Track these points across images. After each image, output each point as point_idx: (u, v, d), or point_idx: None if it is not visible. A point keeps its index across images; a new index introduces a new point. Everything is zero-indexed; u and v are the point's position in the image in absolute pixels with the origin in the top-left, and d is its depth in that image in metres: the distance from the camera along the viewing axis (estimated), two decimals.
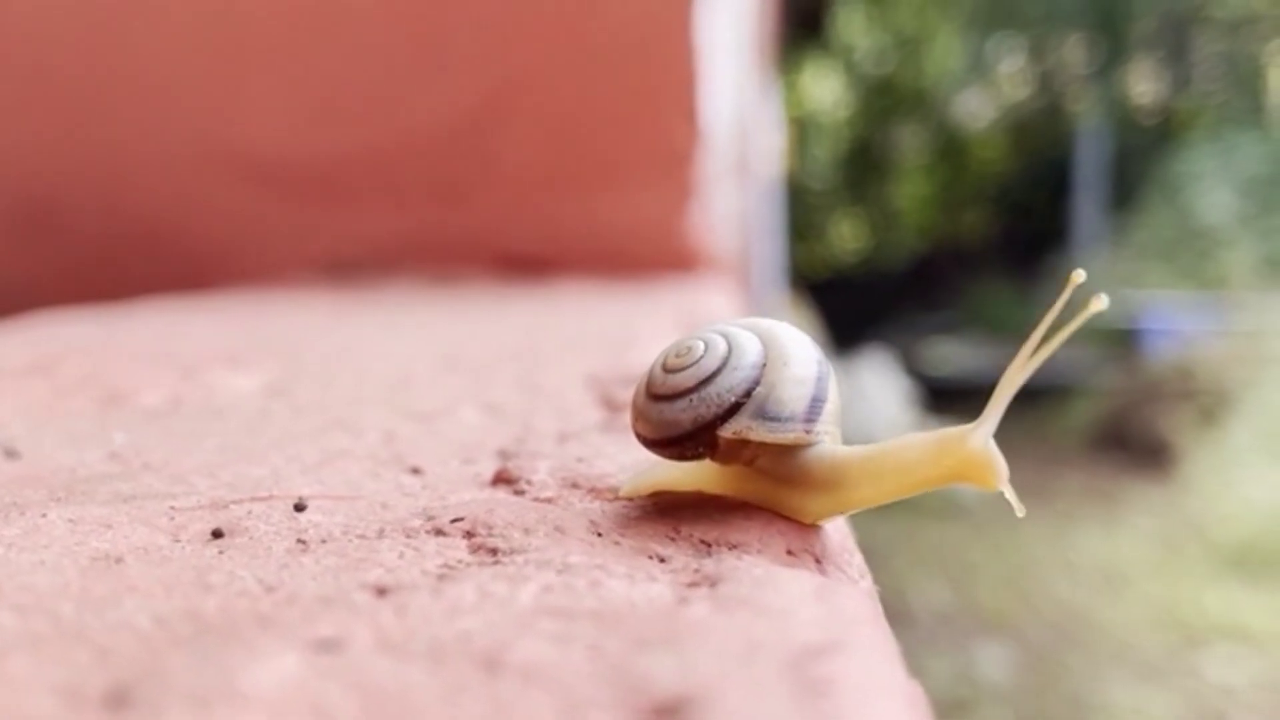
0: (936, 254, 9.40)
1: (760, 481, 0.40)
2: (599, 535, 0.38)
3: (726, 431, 0.38)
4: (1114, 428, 5.28)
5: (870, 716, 0.24)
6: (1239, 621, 3.14)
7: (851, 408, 4.68)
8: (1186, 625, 3.15)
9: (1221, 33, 8.53)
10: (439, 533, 0.38)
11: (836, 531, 0.41)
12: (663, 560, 0.35)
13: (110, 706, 0.24)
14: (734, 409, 0.38)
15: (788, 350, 0.40)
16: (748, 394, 0.39)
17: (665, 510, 0.41)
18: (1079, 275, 0.38)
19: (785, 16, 5.46)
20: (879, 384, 5.14)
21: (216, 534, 0.39)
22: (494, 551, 0.36)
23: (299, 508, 0.42)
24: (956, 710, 2.71)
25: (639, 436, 0.41)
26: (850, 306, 7.64)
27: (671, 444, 0.39)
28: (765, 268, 4.26)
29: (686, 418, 0.39)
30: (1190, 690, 2.75)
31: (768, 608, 0.30)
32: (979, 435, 0.38)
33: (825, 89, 9.94)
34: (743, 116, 2.42)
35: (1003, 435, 0.38)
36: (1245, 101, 8.16)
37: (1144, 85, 9.01)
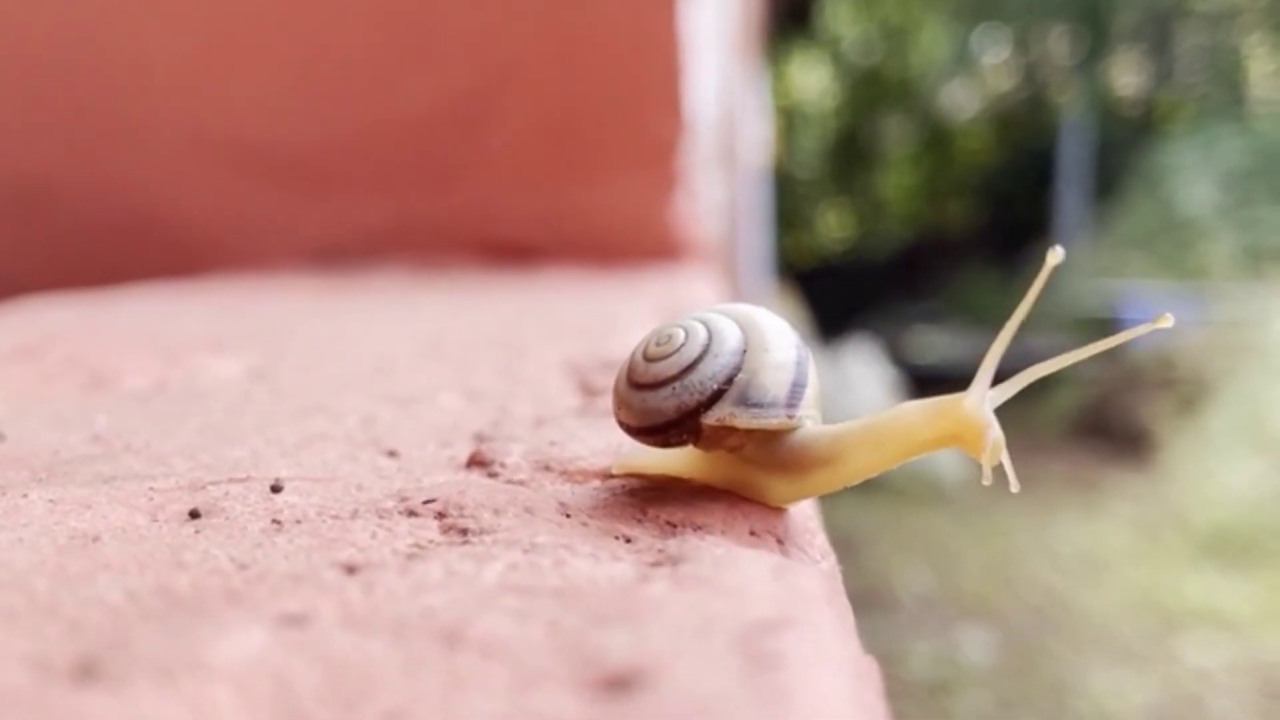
0: (922, 243, 9.43)
1: (744, 467, 0.41)
2: (567, 516, 0.38)
3: (710, 419, 0.39)
4: (1095, 416, 5.32)
5: (816, 689, 0.25)
6: (1216, 607, 3.18)
7: (837, 396, 4.70)
8: (1165, 610, 3.18)
9: (1203, 26, 8.57)
10: (411, 513, 0.39)
11: (799, 514, 0.42)
12: (628, 541, 0.36)
13: (78, 677, 0.25)
14: (716, 396, 0.39)
15: (767, 336, 0.40)
16: (729, 381, 0.39)
17: (635, 493, 0.41)
18: (1057, 254, 0.39)
19: (773, 7, 5.45)
20: (864, 372, 5.16)
21: (193, 514, 0.39)
22: (464, 532, 0.37)
23: (275, 489, 0.42)
24: (939, 692, 2.74)
25: (622, 425, 0.41)
26: (836, 295, 7.66)
27: (656, 432, 0.40)
28: (752, 257, 4.27)
29: (670, 406, 0.39)
30: (1168, 674, 2.78)
31: (725, 585, 0.31)
32: (973, 397, 0.39)
33: (812, 79, 9.94)
34: (729, 106, 2.42)
35: None
36: (1226, 94, 8.20)
37: (1127, 77, 9.04)
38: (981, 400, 0.39)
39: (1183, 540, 3.76)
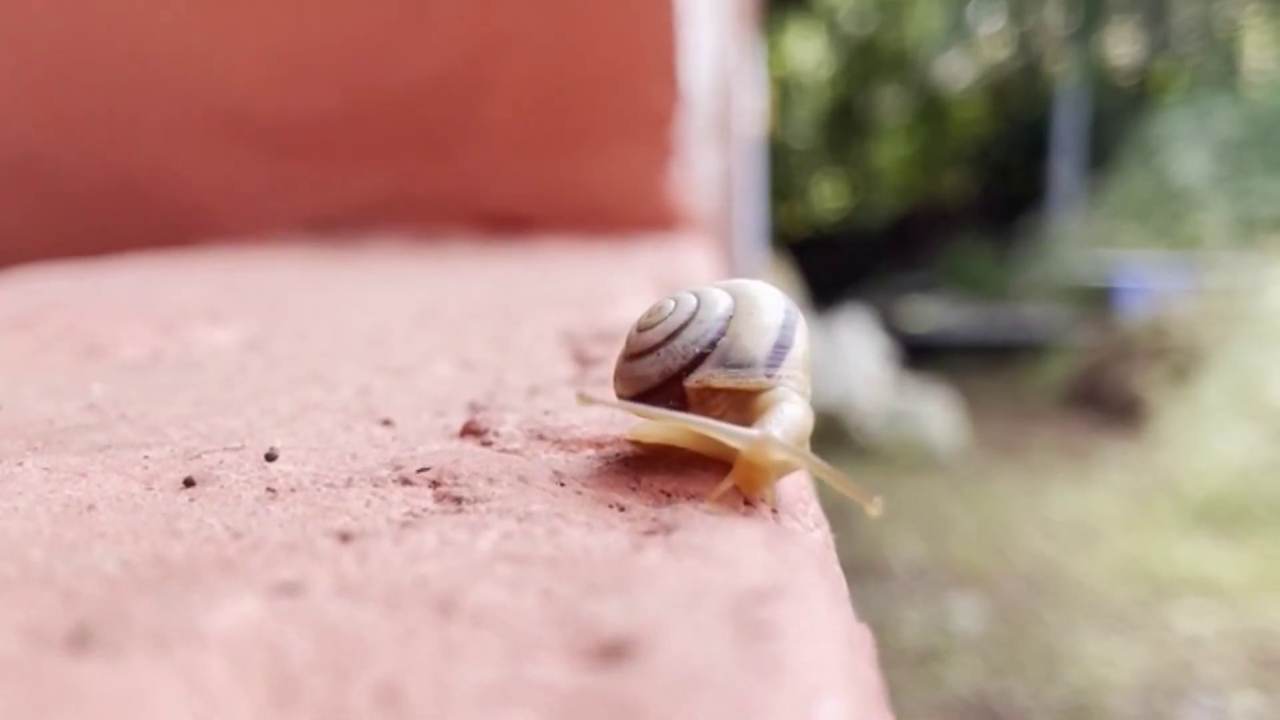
0: (916, 214, 9.42)
1: None
2: (561, 485, 0.38)
3: (691, 382, 0.39)
4: (1087, 385, 5.33)
5: (808, 657, 0.25)
6: (1207, 574, 3.20)
7: (830, 366, 4.71)
8: (1156, 578, 3.20)
9: None
10: (406, 482, 0.39)
11: (792, 483, 0.42)
12: (622, 509, 0.36)
13: (72, 646, 0.25)
14: (699, 359, 0.39)
15: (755, 301, 0.40)
16: (712, 345, 0.39)
17: (629, 462, 0.41)
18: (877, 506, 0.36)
19: None
20: (857, 342, 5.17)
21: (188, 483, 0.39)
22: (458, 500, 0.37)
23: (270, 458, 0.42)
24: (930, 659, 2.76)
25: (619, 398, 0.41)
26: (830, 265, 7.67)
27: (642, 399, 0.40)
28: (746, 227, 4.26)
29: (654, 371, 0.39)
30: (1159, 641, 2.81)
31: (717, 554, 0.31)
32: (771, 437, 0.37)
33: (807, 50, 9.89)
34: (724, 77, 2.41)
35: (979, 392, 0.38)
36: (1221, 64, 8.17)
37: (1122, 47, 9.00)
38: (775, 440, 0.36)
39: (1174, 508, 3.78)
